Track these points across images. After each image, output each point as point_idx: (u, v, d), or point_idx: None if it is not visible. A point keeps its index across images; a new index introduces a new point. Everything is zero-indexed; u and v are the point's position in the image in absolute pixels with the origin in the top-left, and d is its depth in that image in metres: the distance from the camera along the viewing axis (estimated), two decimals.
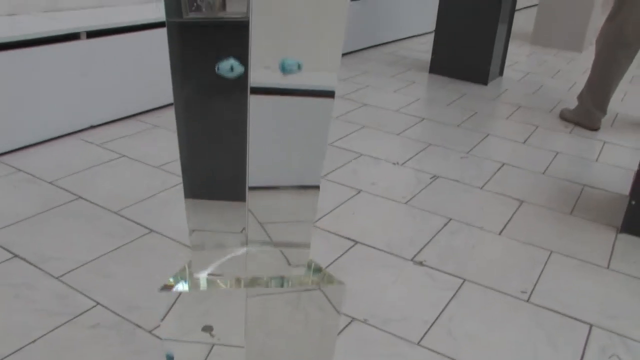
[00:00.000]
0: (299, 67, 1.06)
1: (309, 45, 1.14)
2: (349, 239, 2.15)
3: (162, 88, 3.28)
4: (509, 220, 2.39)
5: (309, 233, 1.35)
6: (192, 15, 1.40)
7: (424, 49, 5.52)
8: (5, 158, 2.64)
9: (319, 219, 2.27)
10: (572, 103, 4.03)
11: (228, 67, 1.05)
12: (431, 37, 5.99)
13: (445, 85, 4.35)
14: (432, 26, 6.22)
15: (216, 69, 1.09)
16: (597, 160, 3.14)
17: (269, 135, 1.20)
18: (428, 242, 2.16)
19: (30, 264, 1.90)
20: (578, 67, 5.32)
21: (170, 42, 1.33)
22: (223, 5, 1.44)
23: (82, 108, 2.93)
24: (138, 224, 2.17)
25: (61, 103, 2.82)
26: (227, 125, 1.31)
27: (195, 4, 1.39)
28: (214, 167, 1.33)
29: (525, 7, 9.19)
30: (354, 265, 2.00)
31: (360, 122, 3.40)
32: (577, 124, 3.68)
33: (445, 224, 2.31)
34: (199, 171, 1.35)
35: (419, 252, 2.10)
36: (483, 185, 2.70)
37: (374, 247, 2.11)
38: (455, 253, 2.11)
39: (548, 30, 6.21)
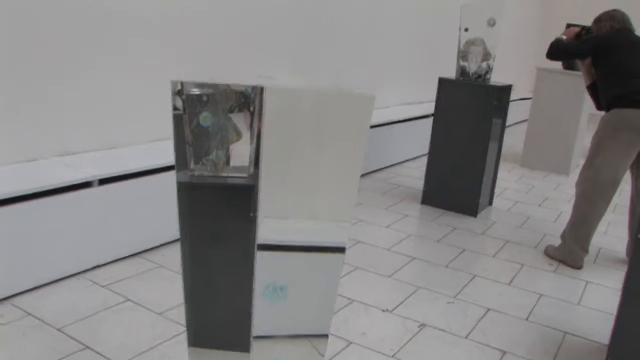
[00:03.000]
0: None
1: (320, 203, 1.26)
2: None
3: (168, 225, 3.47)
4: None
5: None
6: (197, 172, 1.56)
7: (416, 174, 5.77)
8: (16, 300, 2.79)
9: None
10: (557, 237, 4.21)
11: None
12: (424, 160, 6.25)
13: (436, 219, 4.56)
14: (424, 149, 6.51)
15: None
16: (579, 303, 3.30)
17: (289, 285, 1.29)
18: None
19: None
20: (564, 194, 5.56)
21: (180, 201, 1.50)
22: (227, 162, 1.59)
23: (89, 248, 3.12)
24: None
25: (69, 245, 3.01)
26: (232, 278, 1.44)
27: (201, 162, 1.56)
28: (218, 317, 1.46)
29: (517, 123, 9.55)
30: None
31: (353, 262, 3.57)
32: (561, 261, 3.85)
33: None
34: (202, 321, 1.48)
35: None
36: (468, 335, 2.84)
37: None
38: None
39: (536, 153, 6.50)
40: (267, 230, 1.29)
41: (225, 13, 4.24)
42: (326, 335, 1.37)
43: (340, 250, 1.30)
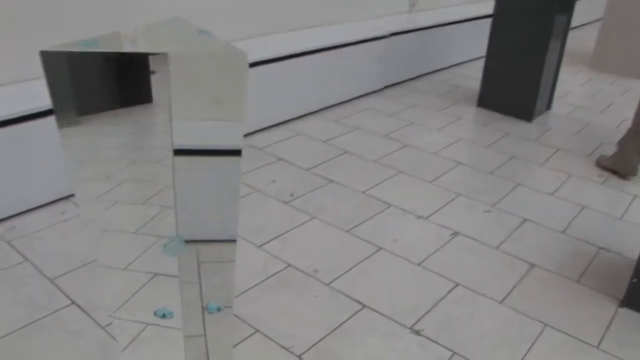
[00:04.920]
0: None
1: (214, 110, 1.32)
2: (358, 302, 2.41)
3: None
4: (513, 287, 2.59)
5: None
6: None
7: (478, 75, 5.64)
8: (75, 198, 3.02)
9: (336, 278, 2.54)
10: (614, 146, 4.09)
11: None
12: None
13: (489, 123, 4.51)
14: None
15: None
16: (621, 217, 3.26)
17: (192, 193, 1.36)
18: (430, 310, 2.40)
19: (84, 311, 2.25)
20: (632, 100, 5.33)
21: None
22: None
23: None
24: None
25: None
26: None
27: None
28: None
29: (592, 22, 9.06)
30: (356, 330, 2.26)
31: (397, 166, 3.62)
32: (613, 171, 3.76)
33: (451, 290, 2.53)
34: None
35: (418, 320, 2.34)
36: (499, 245, 2.89)
37: (378, 312, 2.36)
38: (452, 323, 2.34)
39: (608, 55, 6.20)
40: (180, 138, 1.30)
41: None
42: (234, 240, 1.41)
43: (237, 153, 1.32)
